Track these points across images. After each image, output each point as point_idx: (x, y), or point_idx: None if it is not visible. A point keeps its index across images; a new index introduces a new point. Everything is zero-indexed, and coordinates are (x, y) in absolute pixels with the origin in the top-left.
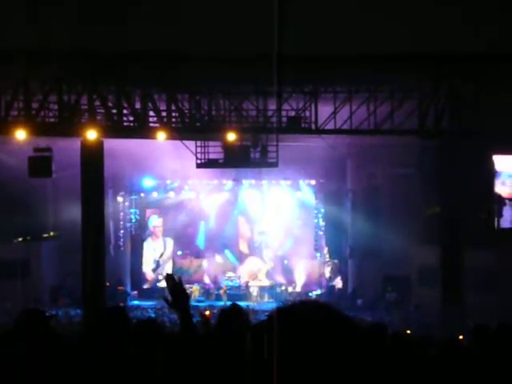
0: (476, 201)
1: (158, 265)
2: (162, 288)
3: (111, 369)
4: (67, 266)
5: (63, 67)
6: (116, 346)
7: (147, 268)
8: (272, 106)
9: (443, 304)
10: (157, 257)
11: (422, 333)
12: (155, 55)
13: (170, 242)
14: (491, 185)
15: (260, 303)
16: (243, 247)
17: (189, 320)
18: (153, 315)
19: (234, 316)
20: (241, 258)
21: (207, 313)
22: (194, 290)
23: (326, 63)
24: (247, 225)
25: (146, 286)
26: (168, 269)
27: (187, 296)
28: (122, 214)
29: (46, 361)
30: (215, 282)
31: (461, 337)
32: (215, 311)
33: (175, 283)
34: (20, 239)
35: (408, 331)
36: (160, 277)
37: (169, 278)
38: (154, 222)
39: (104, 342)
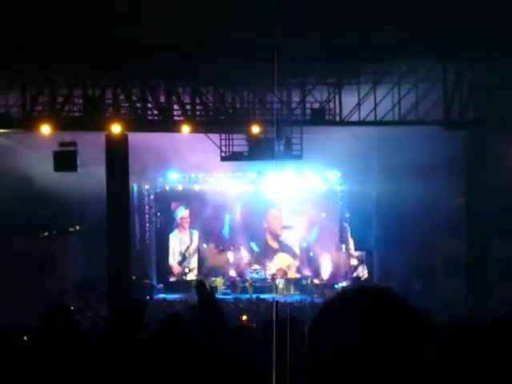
0: (503, 191)
1: (184, 257)
2: (189, 281)
3: (126, 364)
4: (93, 260)
5: (88, 62)
6: (132, 341)
7: (173, 261)
8: (296, 97)
9: (468, 295)
10: (183, 249)
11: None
12: (179, 48)
13: (196, 235)
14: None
15: (286, 295)
16: (272, 242)
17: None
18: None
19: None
20: (269, 253)
21: (244, 318)
22: (218, 282)
23: (350, 54)
24: (276, 219)
25: (172, 280)
26: (194, 262)
27: (218, 309)
28: (147, 207)
29: (68, 355)
30: (241, 274)
31: None
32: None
33: (206, 292)
34: (46, 234)
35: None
36: (186, 270)
37: (200, 285)
38: (181, 213)
39: (121, 335)
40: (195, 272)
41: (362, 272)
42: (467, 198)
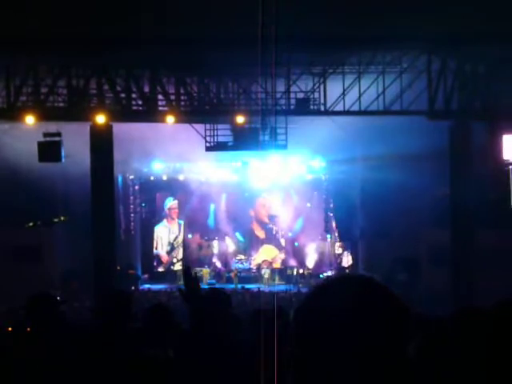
0: (488, 182)
1: (172, 247)
2: (176, 271)
3: (114, 355)
4: (78, 251)
5: (72, 52)
6: (119, 332)
7: (162, 251)
8: (281, 87)
9: (453, 284)
10: (172, 239)
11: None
12: (163, 39)
13: (183, 225)
14: (503, 165)
15: (271, 285)
16: (258, 231)
17: (200, 317)
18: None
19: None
20: (255, 243)
21: None
22: (204, 272)
23: (335, 44)
24: (263, 207)
25: (161, 269)
26: (182, 252)
27: (200, 293)
28: (131, 197)
29: (53, 345)
30: (226, 264)
31: None
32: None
33: (191, 278)
34: (30, 224)
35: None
36: (174, 260)
37: (186, 271)
38: (170, 204)
39: (106, 327)
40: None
41: (347, 262)
42: (452, 187)
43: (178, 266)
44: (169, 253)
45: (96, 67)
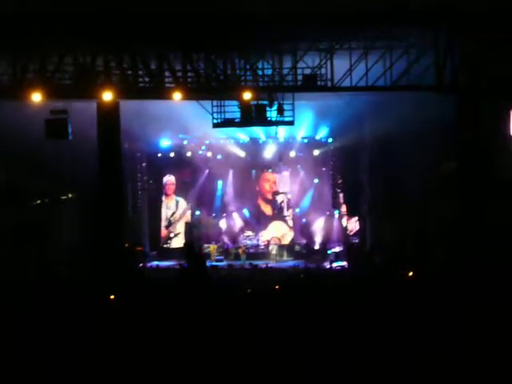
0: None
1: (169, 223)
2: (173, 248)
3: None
4: (86, 228)
5: (77, 29)
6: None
7: (161, 226)
8: (287, 64)
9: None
10: (169, 215)
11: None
12: (169, 15)
13: (182, 202)
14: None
15: (279, 262)
16: (264, 207)
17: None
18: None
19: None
20: (263, 219)
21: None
22: (212, 249)
23: (341, 19)
24: (267, 181)
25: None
26: (180, 227)
27: (203, 261)
28: (139, 174)
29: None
30: (234, 241)
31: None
32: None
33: (189, 250)
34: (38, 202)
35: None
36: (172, 234)
37: (185, 245)
38: (166, 179)
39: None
40: (181, 237)
41: (355, 238)
42: (461, 161)
43: (176, 241)
44: (166, 227)
45: (103, 44)
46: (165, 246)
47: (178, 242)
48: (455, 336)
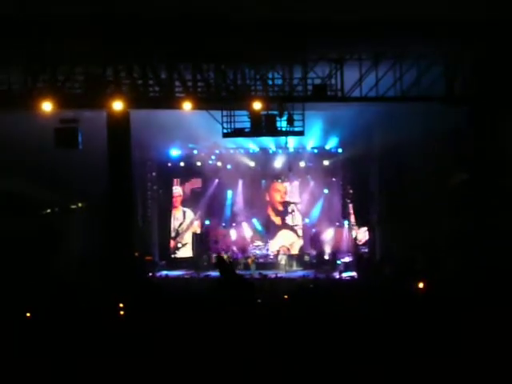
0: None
1: (177, 233)
2: (181, 258)
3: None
4: (96, 238)
5: (89, 38)
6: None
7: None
8: (298, 74)
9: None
10: (176, 226)
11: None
12: (181, 23)
13: (189, 212)
14: None
15: (288, 272)
16: (274, 217)
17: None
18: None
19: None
20: (272, 228)
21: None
22: None
23: (351, 29)
24: (277, 192)
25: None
26: (187, 238)
27: (238, 276)
28: (149, 184)
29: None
30: (243, 251)
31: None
32: None
33: (226, 266)
34: (48, 211)
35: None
36: (179, 245)
37: (220, 260)
38: (173, 191)
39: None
40: (188, 247)
41: (365, 248)
42: (473, 171)
43: (184, 251)
44: (174, 238)
45: (114, 54)
46: (172, 256)
47: (185, 252)
48: (465, 348)
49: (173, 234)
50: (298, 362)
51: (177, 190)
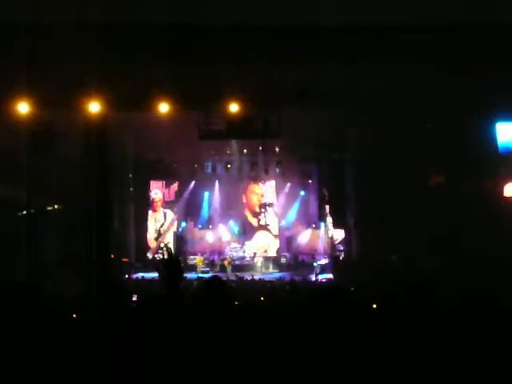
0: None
1: (159, 234)
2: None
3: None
4: (72, 239)
5: (65, 40)
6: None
7: (150, 236)
8: (275, 76)
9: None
10: (158, 227)
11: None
12: (157, 26)
13: (169, 213)
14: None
15: (265, 274)
16: (251, 219)
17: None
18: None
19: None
20: (249, 230)
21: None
22: (198, 261)
23: (326, 32)
24: (254, 194)
25: (149, 255)
26: (169, 237)
27: (181, 273)
28: (126, 185)
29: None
30: (220, 252)
31: None
32: None
33: (171, 258)
34: (24, 212)
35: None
36: (162, 244)
37: (167, 251)
38: (154, 195)
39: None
40: (171, 247)
41: (341, 251)
42: (446, 177)
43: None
44: (156, 239)
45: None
46: (156, 256)
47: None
48: (453, 352)
49: (155, 235)
50: (277, 365)
51: (157, 195)
